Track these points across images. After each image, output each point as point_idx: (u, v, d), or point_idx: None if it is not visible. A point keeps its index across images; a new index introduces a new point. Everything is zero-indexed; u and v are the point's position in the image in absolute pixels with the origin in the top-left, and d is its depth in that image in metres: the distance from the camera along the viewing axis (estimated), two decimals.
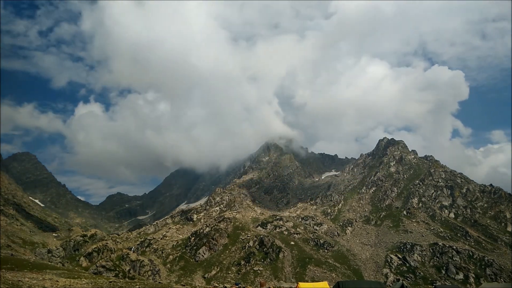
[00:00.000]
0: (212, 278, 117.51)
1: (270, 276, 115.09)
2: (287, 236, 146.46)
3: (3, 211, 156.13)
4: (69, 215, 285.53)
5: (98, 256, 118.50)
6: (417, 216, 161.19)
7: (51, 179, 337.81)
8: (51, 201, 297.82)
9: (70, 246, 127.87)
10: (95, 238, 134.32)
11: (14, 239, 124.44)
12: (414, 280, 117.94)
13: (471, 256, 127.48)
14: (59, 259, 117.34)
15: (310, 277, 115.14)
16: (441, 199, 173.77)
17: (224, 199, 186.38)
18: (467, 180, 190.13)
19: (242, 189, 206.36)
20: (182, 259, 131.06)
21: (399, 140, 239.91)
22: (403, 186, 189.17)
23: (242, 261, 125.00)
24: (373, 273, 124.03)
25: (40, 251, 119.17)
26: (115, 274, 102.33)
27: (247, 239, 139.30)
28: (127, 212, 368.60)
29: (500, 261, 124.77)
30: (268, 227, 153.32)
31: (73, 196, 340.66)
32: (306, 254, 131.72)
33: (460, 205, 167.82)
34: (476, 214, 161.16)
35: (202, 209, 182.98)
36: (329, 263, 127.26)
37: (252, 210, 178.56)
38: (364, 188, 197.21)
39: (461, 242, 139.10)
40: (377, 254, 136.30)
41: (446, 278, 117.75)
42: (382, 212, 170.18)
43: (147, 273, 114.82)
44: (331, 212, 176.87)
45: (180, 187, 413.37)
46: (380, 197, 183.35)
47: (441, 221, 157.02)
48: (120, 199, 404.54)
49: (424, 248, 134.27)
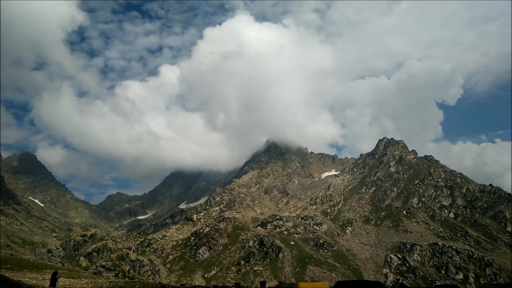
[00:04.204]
0: (212, 278, 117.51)
1: (270, 276, 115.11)
2: (287, 236, 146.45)
3: (3, 211, 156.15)
4: (69, 215, 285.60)
5: (98, 256, 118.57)
6: (417, 216, 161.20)
7: (51, 179, 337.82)
8: (51, 201, 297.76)
9: (70, 246, 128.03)
10: (95, 238, 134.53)
11: (14, 239, 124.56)
12: (414, 280, 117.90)
13: (470, 256, 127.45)
14: (59, 259, 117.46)
15: (310, 277, 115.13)
16: (441, 199, 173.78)
17: (224, 199, 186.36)
18: (467, 180, 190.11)
19: (242, 189, 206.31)
20: (182, 259, 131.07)
21: (399, 140, 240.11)
22: (403, 186, 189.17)
23: (242, 261, 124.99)
24: (373, 273, 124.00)
25: (40, 251, 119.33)
26: (115, 274, 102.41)
27: (247, 239, 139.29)
28: (127, 212, 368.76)
29: (500, 261, 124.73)
30: (268, 227, 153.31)
31: (73, 196, 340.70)
32: (306, 254, 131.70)
33: (460, 205, 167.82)
34: (475, 214, 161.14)
35: (202, 209, 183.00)
36: (329, 263, 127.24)
37: (252, 210, 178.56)
38: (364, 188, 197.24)
39: (460, 242, 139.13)
40: (377, 254, 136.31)
41: (445, 278, 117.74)
42: (382, 212, 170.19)
43: (147, 273, 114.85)
44: (331, 212, 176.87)
45: (180, 187, 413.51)
46: (380, 197, 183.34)
47: (441, 221, 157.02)
48: (120, 199, 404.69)
49: (424, 248, 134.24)
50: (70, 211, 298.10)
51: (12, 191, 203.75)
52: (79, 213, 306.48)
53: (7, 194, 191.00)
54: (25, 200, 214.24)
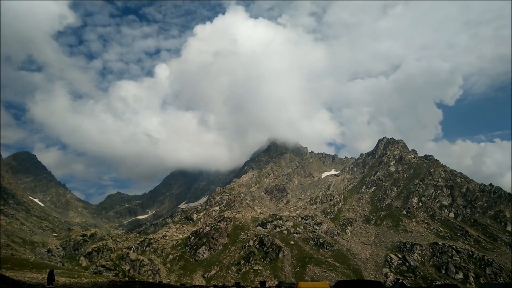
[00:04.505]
0: (212, 277, 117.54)
1: (270, 276, 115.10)
2: (287, 235, 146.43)
3: (3, 211, 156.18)
4: (69, 215, 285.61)
5: (98, 255, 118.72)
6: (417, 215, 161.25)
7: (51, 179, 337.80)
8: (51, 200, 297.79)
9: (70, 246, 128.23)
10: (95, 238, 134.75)
11: (14, 239, 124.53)
12: (414, 279, 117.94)
13: (471, 255, 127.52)
14: (59, 258, 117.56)
15: (310, 277, 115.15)
16: (441, 199, 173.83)
17: (224, 199, 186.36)
18: (467, 179, 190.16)
19: (242, 189, 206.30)
20: (182, 258, 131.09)
21: (399, 139, 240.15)
22: (403, 185, 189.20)
23: (242, 260, 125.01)
24: (373, 273, 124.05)
25: (40, 251, 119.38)
26: (115, 274, 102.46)
27: (247, 239, 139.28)
28: (127, 212, 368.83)
29: (500, 260, 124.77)
30: (268, 226, 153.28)
31: (73, 196, 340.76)
32: (306, 254, 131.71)
33: (460, 204, 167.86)
34: (475, 214, 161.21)
35: (202, 209, 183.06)
36: (329, 262, 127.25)
37: (252, 210, 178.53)
38: (364, 187, 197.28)
39: (460, 241, 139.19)
40: (377, 254, 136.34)
41: (446, 277, 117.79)
42: (382, 211, 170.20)
43: (147, 273, 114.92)
44: (331, 211, 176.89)
45: (180, 187, 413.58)
46: (380, 197, 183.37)
47: (441, 220, 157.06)
48: (120, 198, 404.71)
49: (424, 248, 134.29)
50: (70, 211, 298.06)
51: (12, 191, 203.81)
52: (79, 213, 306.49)
53: (7, 194, 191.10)
54: (25, 200, 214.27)
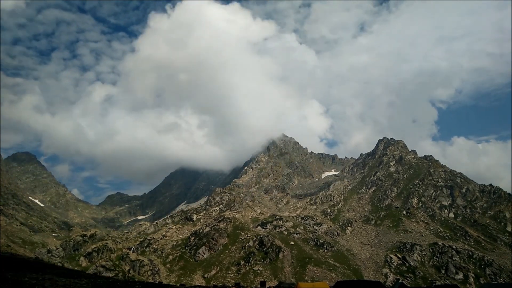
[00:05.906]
0: (212, 278, 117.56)
1: (270, 276, 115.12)
2: (287, 236, 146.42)
3: (3, 211, 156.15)
4: (69, 215, 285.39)
5: (98, 256, 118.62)
6: (417, 216, 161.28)
7: (51, 179, 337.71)
8: (50, 201, 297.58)
9: (70, 246, 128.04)
10: (95, 238, 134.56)
11: (14, 239, 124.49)
12: (414, 280, 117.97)
13: (470, 256, 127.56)
14: (59, 259, 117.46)
15: (310, 277, 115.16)
16: (440, 199, 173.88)
17: (224, 199, 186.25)
18: (467, 180, 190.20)
19: (242, 189, 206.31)
20: (182, 259, 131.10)
21: (399, 140, 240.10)
22: (403, 186, 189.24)
23: (242, 261, 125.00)
24: (373, 273, 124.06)
25: (40, 251, 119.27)
26: (115, 274, 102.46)
27: (247, 239, 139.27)
28: (127, 212, 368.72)
29: (500, 261, 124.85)
30: (267, 227, 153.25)
31: (72, 196, 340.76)
32: (306, 254, 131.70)
33: (459, 205, 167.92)
34: (475, 214, 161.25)
35: (202, 209, 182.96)
36: (329, 263, 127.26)
37: (252, 210, 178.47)
38: (364, 188, 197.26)
39: (460, 242, 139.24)
40: (377, 254, 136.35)
41: (445, 278, 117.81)
42: (382, 212, 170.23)
43: (147, 273, 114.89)
44: (330, 212, 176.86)
45: (180, 187, 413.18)
46: (380, 197, 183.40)
47: (441, 221, 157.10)
48: (120, 199, 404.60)
49: (424, 248, 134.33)
50: (70, 211, 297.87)
51: (12, 191, 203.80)
52: (79, 213, 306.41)
53: (7, 194, 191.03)
54: (25, 200, 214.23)
